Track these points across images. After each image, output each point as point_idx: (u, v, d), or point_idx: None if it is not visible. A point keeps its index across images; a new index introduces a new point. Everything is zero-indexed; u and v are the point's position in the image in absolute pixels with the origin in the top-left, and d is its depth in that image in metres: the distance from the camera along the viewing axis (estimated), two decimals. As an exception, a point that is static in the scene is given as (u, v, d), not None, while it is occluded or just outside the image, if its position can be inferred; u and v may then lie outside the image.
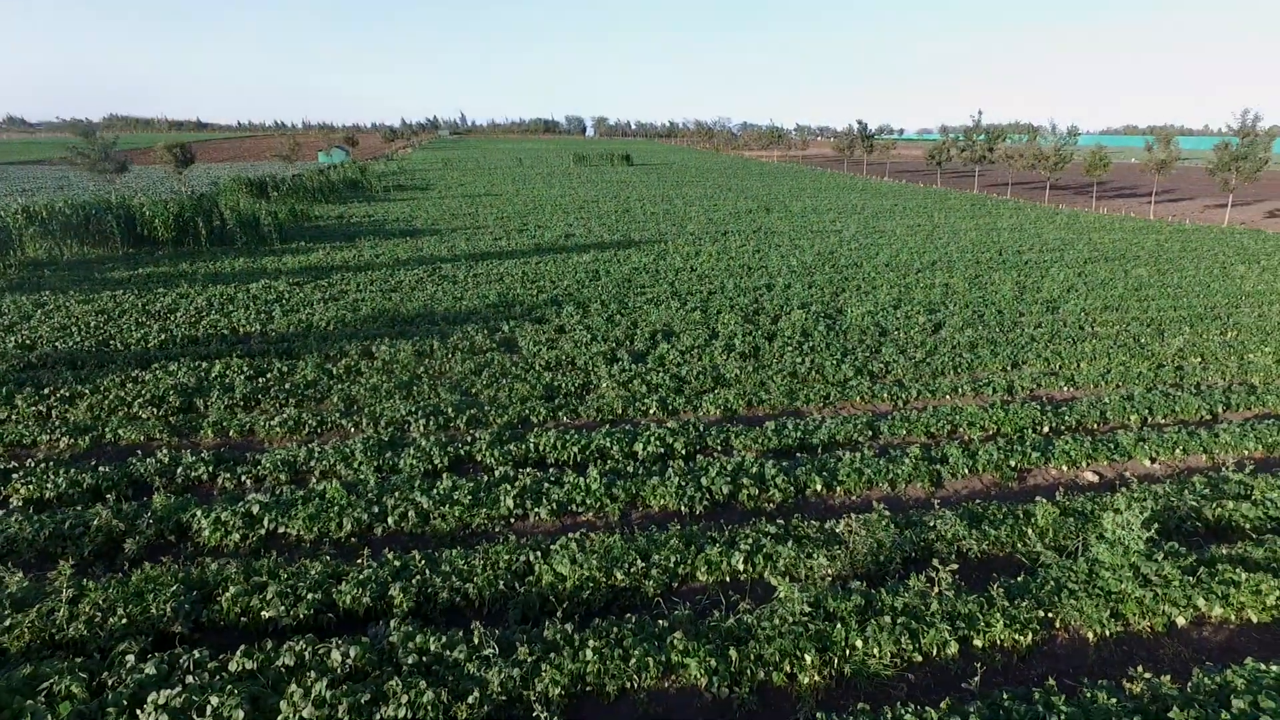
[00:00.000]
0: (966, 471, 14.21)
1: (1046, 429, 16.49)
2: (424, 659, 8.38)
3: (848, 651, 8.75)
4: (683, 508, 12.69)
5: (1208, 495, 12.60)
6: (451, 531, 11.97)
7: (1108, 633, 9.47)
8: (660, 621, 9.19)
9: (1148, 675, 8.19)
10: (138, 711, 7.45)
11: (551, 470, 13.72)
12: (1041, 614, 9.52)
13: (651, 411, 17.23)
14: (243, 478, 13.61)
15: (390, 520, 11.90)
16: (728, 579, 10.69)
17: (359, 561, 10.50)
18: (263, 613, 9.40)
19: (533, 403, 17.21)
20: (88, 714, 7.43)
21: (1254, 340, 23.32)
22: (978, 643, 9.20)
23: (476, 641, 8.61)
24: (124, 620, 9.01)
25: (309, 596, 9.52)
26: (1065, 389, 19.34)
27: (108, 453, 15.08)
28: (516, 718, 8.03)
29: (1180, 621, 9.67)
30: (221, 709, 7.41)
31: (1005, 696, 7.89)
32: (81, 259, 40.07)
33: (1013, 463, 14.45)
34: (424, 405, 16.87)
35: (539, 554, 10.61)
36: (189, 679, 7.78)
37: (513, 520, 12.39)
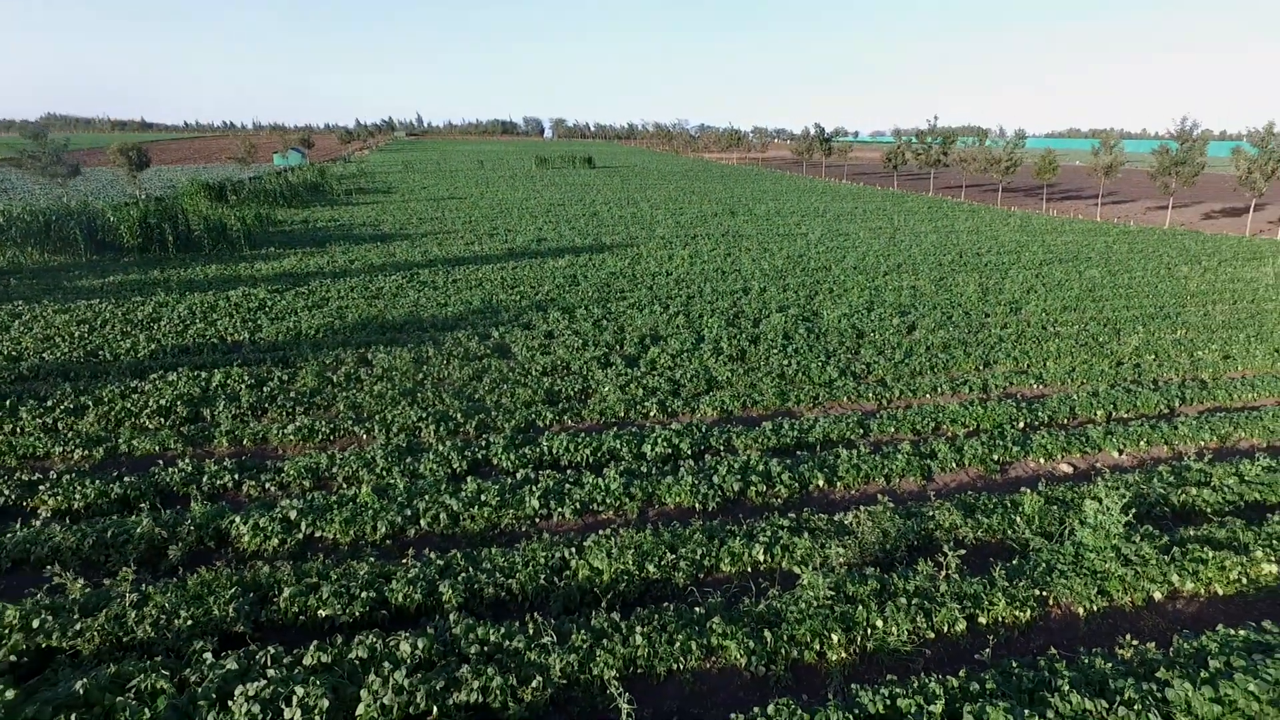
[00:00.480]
0: (954, 465, 15.27)
1: (1022, 424, 17.68)
2: (485, 648, 9.02)
3: (869, 630, 9.64)
4: (696, 504, 13.48)
5: (1173, 483, 13.83)
6: (481, 532, 12.56)
7: (1095, 608, 10.53)
8: (697, 609, 9.95)
9: (1135, 643, 9.24)
10: (229, 703, 7.96)
11: (570, 471, 14.38)
12: (1037, 593, 10.53)
13: (652, 414, 17.98)
14: (267, 485, 14.00)
15: (423, 522, 12.46)
16: (749, 569, 11.50)
17: (404, 561, 11.05)
18: (320, 611, 9.93)
19: (537, 407, 17.84)
20: (180, 708, 7.91)
21: (1201, 338, 25.00)
22: (983, 620, 10.17)
23: (532, 631, 9.28)
24: (189, 622, 9.46)
25: (362, 595, 10.07)
26: (1035, 386, 20.62)
27: (123, 463, 15.29)
28: (576, 699, 8.73)
29: (1157, 596, 10.78)
30: (307, 699, 7.95)
31: (1014, 665, 8.84)
32: (44, 266, 39.23)
33: (995, 456, 15.57)
34: (432, 411, 17.36)
35: (573, 550, 11.29)
36: (270, 672, 8.30)
37: (538, 520, 13.04)
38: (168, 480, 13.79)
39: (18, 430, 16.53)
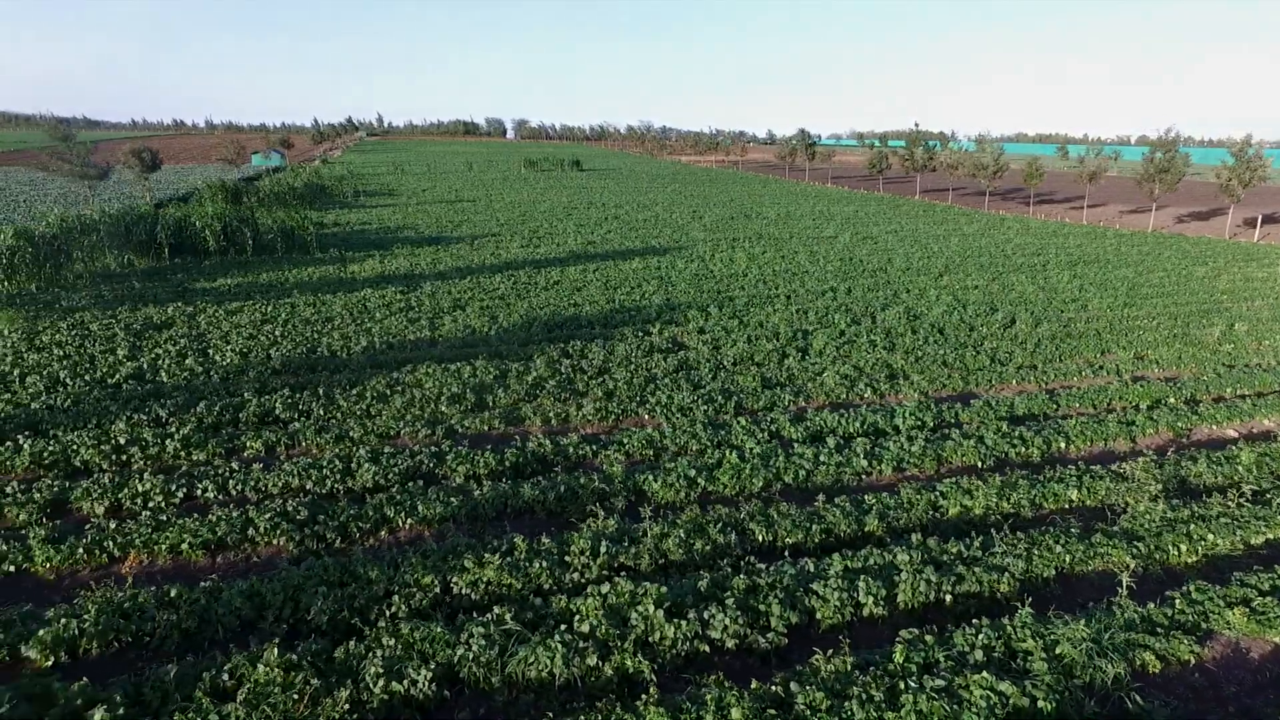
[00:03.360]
0: (1151, 431, 18.77)
1: (1172, 399, 21.31)
2: (945, 558, 12.02)
3: (1204, 541, 12.93)
4: (978, 462, 16.66)
5: (1346, 439, 17.62)
6: (829, 485, 15.49)
7: (1345, 524, 14.06)
8: (1071, 529, 13.10)
9: (1400, 542, 12.78)
10: (811, 589, 10.81)
11: (862, 440, 17.37)
12: (1306, 515, 14.02)
13: (866, 395, 21.07)
14: (614, 454, 16.63)
15: (786, 478, 15.34)
16: (1065, 505, 14.73)
17: (816, 504, 13.91)
18: (787, 539, 12.78)
19: (775, 391, 20.70)
20: (786, 592, 10.70)
21: (1262, 329, 29.22)
22: (1271, 536, 13.58)
23: (979, 543, 12.33)
24: (708, 547, 12.22)
25: (814, 528, 12.95)
26: (1155, 370, 24.37)
27: (457, 439, 17.66)
28: (1029, 590, 11.80)
29: (1385, 517, 14.37)
30: (869, 587, 10.85)
31: (1329, 558, 12.24)
32: (136, 270, 40.44)
33: (1180, 423, 19.11)
34: (698, 395, 20.01)
35: (938, 494, 14.34)
36: (829, 570, 11.17)
37: (863, 476, 16.03)
38: (540, 451, 16.33)
39: (336, 417, 18.67)
